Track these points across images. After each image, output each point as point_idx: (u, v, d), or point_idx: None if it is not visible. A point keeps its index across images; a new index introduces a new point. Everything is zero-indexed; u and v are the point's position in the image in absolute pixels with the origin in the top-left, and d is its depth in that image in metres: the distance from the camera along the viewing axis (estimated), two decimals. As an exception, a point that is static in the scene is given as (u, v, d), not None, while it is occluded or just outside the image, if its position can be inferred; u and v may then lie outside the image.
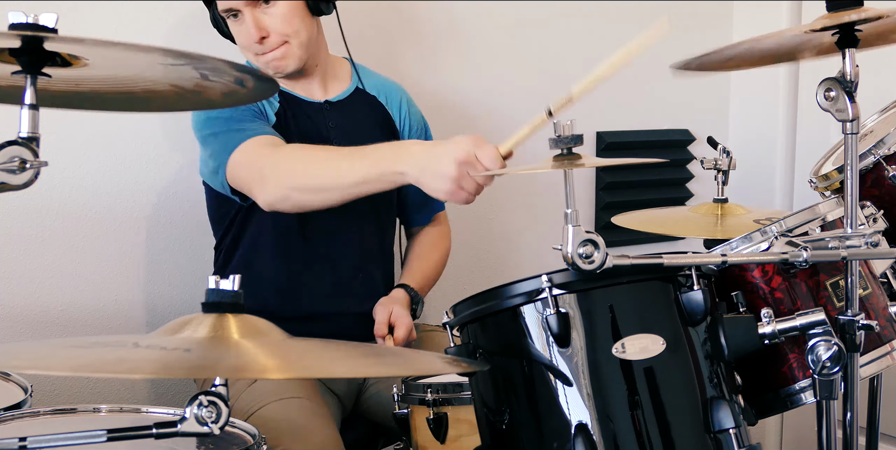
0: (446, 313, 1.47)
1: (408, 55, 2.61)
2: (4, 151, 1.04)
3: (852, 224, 1.43)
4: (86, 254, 2.25)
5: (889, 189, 1.75)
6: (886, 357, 1.53)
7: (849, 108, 1.39)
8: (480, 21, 2.72)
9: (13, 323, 2.18)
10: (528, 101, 2.78)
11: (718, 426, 1.32)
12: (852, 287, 1.44)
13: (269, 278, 2.09)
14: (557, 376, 1.32)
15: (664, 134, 3.05)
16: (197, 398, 1.04)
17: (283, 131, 2.05)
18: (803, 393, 1.47)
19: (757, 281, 1.49)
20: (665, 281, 1.37)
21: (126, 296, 2.30)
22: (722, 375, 1.37)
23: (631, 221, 2.12)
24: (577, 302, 1.33)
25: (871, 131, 1.89)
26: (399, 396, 1.72)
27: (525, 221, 2.83)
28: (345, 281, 2.12)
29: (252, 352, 1.04)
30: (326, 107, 2.15)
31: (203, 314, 1.09)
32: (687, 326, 1.35)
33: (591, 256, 1.28)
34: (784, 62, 1.68)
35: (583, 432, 1.30)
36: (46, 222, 2.20)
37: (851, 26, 1.39)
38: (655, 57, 1.57)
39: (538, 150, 1.38)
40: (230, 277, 1.11)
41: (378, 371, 1.48)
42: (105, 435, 1.06)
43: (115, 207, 2.25)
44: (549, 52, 2.82)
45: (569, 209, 1.29)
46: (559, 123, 1.32)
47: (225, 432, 1.23)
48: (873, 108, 1.93)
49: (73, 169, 2.21)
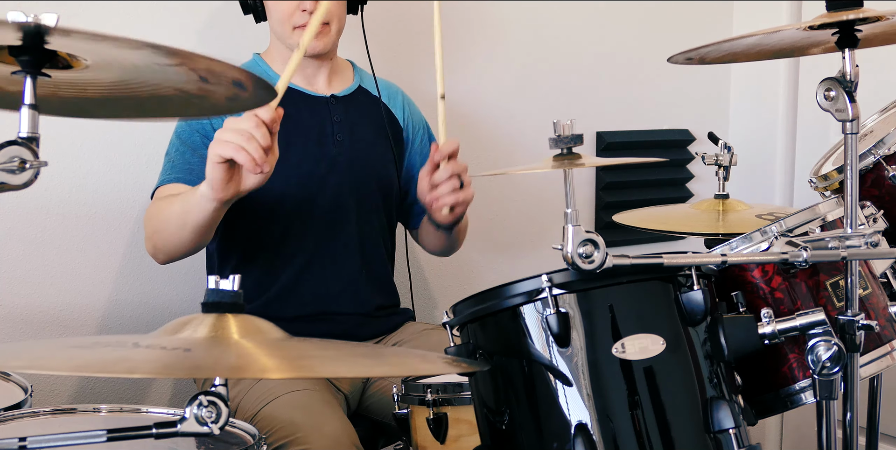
0: (446, 313, 1.47)
1: (407, 56, 2.61)
2: (4, 151, 1.04)
3: (852, 224, 1.44)
4: (86, 254, 2.25)
5: (889, 189, 1.75)
6: (886, 357, 1.53)
7: (849, 108, 1.39)
8: (483, 22, 2.72)
9: (13, 323, 2.18)
10: (529, 103, 2.78)
11: (718, 426, 1.32)
12: (852, 287, 1.44)
13: (270, 280, 2.08)
14: (557, 376, 1.32)
15: (664, 134, 3.05)
16: (197, 398, 1.04)
17: None
18: (803, 393, 1.47)
19: (757, 281, 1.49)
20: (665, 281, 1.37)
21: (126, 296, 2.30)
22: (722, 375, 1.37)
23: (632, 219, 2.12)
24: (577, 302, 1.33)
25: (871, 131, 1.89)
26: (399, 396, 1.72)
27: (525, 221, 2.83)
28: (348, 281, 2.11)
29: (252, 352, 1.04)
30: (332, 101, 2.14)
31: (203, 314, 1.09)
32: (687, 326, 1.35)
33: (591, 255, 1.28)
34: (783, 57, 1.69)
35: (583, 432, 1.30)
36: (46, 222, 2.20)
37: (851, 26, 1.39)
38: (655, 57, 1.57)
39: (538, 150, 1.38)
40: (230, 277, 1.11)
41: (378, 371, 1.48)
42: (105, 435, 1.05)
43: (114, 207, 2.25)
44: (551, 54, 2.82)
45: (569, 209, 1.29)
46: (559, 122, 1.32)
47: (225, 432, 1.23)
48: (873, 109, 1.93)
49: (73, 169, 2.21)
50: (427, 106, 2.32)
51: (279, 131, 2.05)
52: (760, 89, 3.08)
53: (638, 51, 2.93)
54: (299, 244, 2.08)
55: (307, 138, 2.09)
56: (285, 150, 2.05)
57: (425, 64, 2.64)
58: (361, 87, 2.22)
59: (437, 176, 1.92)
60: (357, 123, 2.16)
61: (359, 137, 2.15)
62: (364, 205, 2.14)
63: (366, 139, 2.16)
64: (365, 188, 2.13)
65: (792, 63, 2.99)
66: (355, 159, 2.12)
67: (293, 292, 2.08)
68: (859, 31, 1.40)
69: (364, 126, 2.17)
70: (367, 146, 2.16)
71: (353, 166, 2.12)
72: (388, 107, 2.24)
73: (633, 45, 2.94)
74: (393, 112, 2.24)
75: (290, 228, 2.07)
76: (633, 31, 2.95)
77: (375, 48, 2.24)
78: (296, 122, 2.07)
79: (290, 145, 2.06)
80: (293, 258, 2.08)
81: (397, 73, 2.38)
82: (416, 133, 2.27)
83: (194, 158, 1.98)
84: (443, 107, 1.88)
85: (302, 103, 2.11)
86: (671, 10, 2.99)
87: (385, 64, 2.27)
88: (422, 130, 2.28)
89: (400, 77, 2.36)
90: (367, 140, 2.16)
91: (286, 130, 2.06)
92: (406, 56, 2.57)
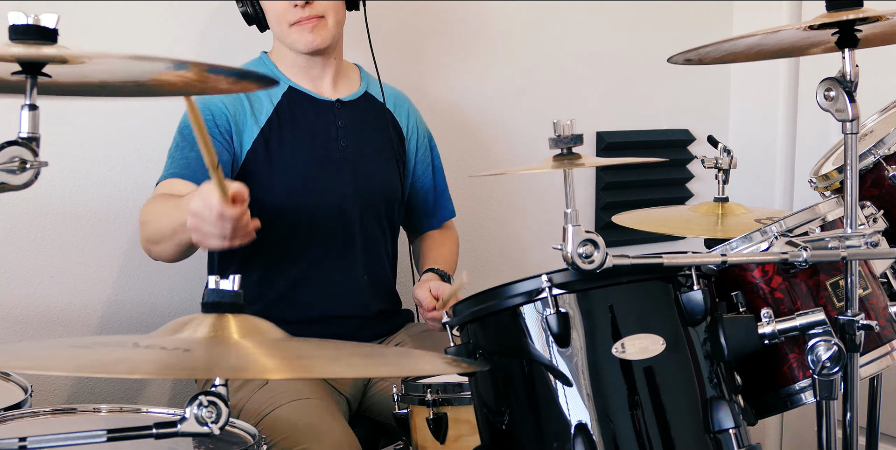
0: (446, 313, 1.47)
1: (413, 61, 2.61)
2: (4, 151, 1.04)
3: (852, 224, 1.43)
4: (86, 254, 2.25)
5: (889, 189, 1.75)
6: (886, 357, 1.53)
7: (849, 108, 1.39)
8: (483, 23, 2.72)
9: (13, 323, 2.18)
10: (529, 103, 2.78)
11: (718, 426, 1.32)
12: (852, 287, 1.44)
13: (271, 283, 2.08)
14: (557, 376, 1.32)
15: (664, 134, 3.05)
16: (197, 398, 1.04)
17: (280, 126, 2.05)
18: (803, 393, 1.47)
19: (757, 281, 1.49)
20: (665, 281, 1.37)
21: (126, 296, 2.30)
22: (722, 375, 1.37)
23: (631, 221, 2.12)
24: (577, 302, 1.33)
25: (871, 131, 1.89)
26: (399, 396, 1.72)
27: (525, 221, 2.83)
28: (350, 286, 2.11)
29: (252, 352, 1.04)
30: (338, 106, 2.14)
31: (203, 314, 1.09)
32: (687, 326, 1.35)
33: (591, 255, 1.28)
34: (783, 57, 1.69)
35: (582, 432, 1.30)
36: (46, 222, 2.20)
37: (851, 26, 1.39)
38: (655, 57, 1.57)
39: (538, 150, 1.38)
40: (230, 277, 1.11)
41: (378, 371, 1.47)
42: (105, 435, 1.05)
43: (115, 207, 2.25)
44: (552, 54, 2.82)
45: (569, 209, 1.29)
46: (559, 122, 1.32)
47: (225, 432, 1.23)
48: (873, 109, 1.93)
49: (73, 169, 2.21)
50: (433, 111, 2.33)
51: (285, 134, 2.05)
52: (760, 89, 3.08)
53: (638, 51, 2.93)
54: (301, 249, 2.07)
55: (312, 143, 2.08)
56: (289, 153, 2.06)
57: (431, 69, 2.65)
58: (368, 92, 2.21)
59: (434, 313, 2.00)
60: (362, 128, 2.15)
61: (363, 143, 2.14)
62: (367, 210, 2.13)
63: (370, 145, 2.16)
64: (368, 194, 2.13)
65: (792, 63, 2.99)
66: (359, 165, 2.12)
67: (294, 297, 2.08)
68: (859, 31, 1.40)
69: (369, 132, 2.16)
70: (372, 152, 2.15)
71: (357, 172, 2.11)
72: (394, 114, 2.23)
73: (633, 45, 2.94)
74: (398, 120, 2.24)
75: (292, 232, 2.06)
76: (633, 30, 2.95)
77: (380, 52, 2.24)
78: (301, 125, 2.08)
79: (295, 149, 2.06)
80: (295, 263, 2.08)
81: (402, 78, 2.37)
82: (420, 142, 2.27)
83: (192, 152, 1.98)
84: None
85: (308, 106, 2.10)
86: (671, 9, 2.99)
87: (389, 69, 2.27)
88: (425, 139, 2.29)
89: (404, 82, 2.36)
90: (371, 146, 2.16)
91: (291, 132, 2.06)
92: (411, 61, 2.58)
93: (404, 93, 2.31)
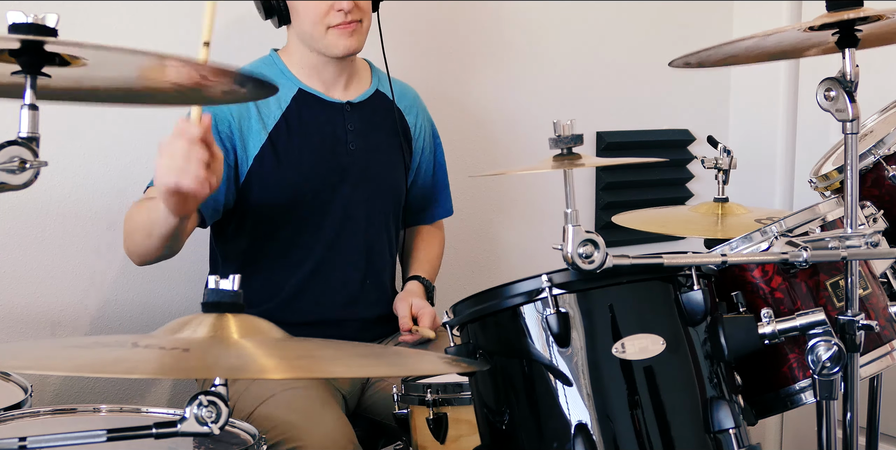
0: (446, 313, 1.47)
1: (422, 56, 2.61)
2: (4, 151, 1.04)
3: (852, 224, 1.43)
4: (85, 254, 2.24)
5: (889, 189, 1.75)
6: (886, 357, 1.53)
7: (849, 108, 1.39)
8: (483, 23, 2.72)
9: (13, 323, 2.18)
10: (529, 103, 2.78)
11: (718, 426, 1.32)
12: (852, 287, 1.44)
13: (273, 287, 2.07)
14: (557, 376, 1.32)
15: (664, 134, 3.05)
16: (197, 398, 1.04)
17: (288, 129, 2.04)
18: (803, 393, 1.47)
19: (757, 281, 1.49)
20: (665, 281, 1.37)
21: (126, 296, 2.30)
22: (722, 375, 1.37)
23: (631, 221, 2.12)
24: (577, 302, 1.33)
25: (871, 131, 1.89)
26: (399, 396, 1.72)
27: (525, 221, 2.83)
28: (351, 291, 2.11)
29: (252, 352, 1.04)
30: (347, 108, 2.11)
31: (203, 314, 1.09)
32: (687, 326, 1.35)
33: (591, 255, 1.28)
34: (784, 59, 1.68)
35: (583, 432, 1.30)
36: (46, 222, 2.20)
37: (851, 26, 1.39)
38: (655, 57, 1.57)
39: (538, 150, 1.38)
40: (230, 276, 1.11)
41: (378, 371, 1.48)
42: (105, 435, 1.05)
43: (114, 207, 2.25)
44: (552, 54, 2.82)
45: (569, 209, 1.29)
46: (559, 122, 1.32)
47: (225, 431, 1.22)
48: (873, 109, 1.93)
49: (73, 169, 2.21)
50: (433, 111, 2.32)
51: (293, 138, 2.04)
52: (760, 89, 3.08)
53: (638, 51, 2.93)
54: (306, 253, 2.07)
55: (320, 145, 2.07)
56: (298, 156, 2.04)
57: (431, 69, 2.65)
58: (378, 90, 2.18)
59: (406, 337, 2.08)
60: (371, 131, 2.14)
61: (372, 146, 2.13)
62: (373, 215, 2.13)
63: (379, 148, 2.15)
64: (375, 198, 2.13)
65: (792, 63, 2.99)
66: (367, 169, 2.11)
67: (295, 301, 2.07)
68: (859, 31, 1.40)
69: (378, 134, 2.15)
70: (380, 155, 2.14)
71: (365, 176, 2.11)
72: (402, 112, 2.21)
73: (633, 45, 2.94)
74: (406, 118, 2.22)
75: (297, 236, 2.06)
76: (633, 31, 2.95)
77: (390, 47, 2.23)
78: (310, 127, 2.06)
79: (303, 152, 2.05)
80: (298, 267, 2.07)
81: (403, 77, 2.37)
82: (426, 139, 2.27)
83: None
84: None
85: (318, 109, 2.08)
86: (671, 10, 2.99)
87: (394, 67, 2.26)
88: (430, 135, 2.28)
89: (413, 76, 2.35)
90: (379, 149, 2.15)
91: (300, 136, 2.05)
92: (412, 61, 2.57)
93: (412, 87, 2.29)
